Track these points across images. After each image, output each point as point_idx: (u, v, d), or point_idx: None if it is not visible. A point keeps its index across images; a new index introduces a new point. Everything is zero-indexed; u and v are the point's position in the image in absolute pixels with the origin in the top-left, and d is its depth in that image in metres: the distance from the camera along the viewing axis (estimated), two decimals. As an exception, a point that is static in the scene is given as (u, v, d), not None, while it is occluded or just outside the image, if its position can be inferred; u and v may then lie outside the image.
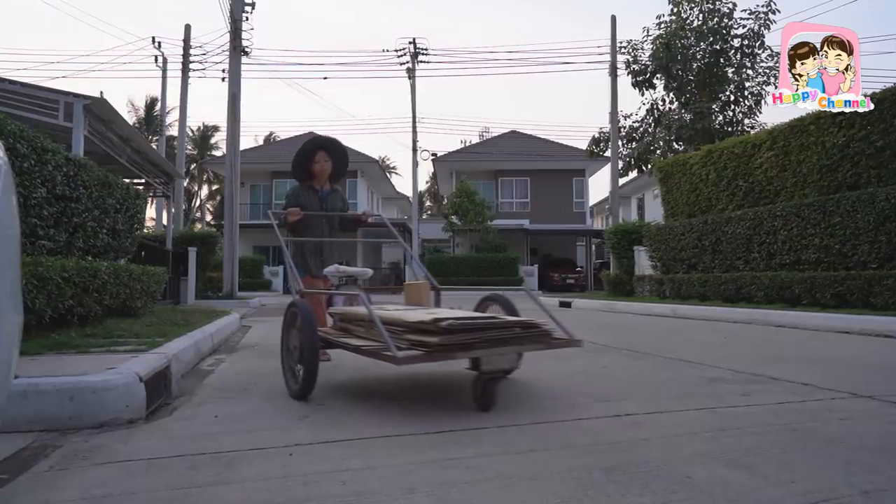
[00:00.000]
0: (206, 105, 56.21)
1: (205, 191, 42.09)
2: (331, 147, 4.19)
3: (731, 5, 15.93)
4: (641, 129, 17.70)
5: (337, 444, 1.90)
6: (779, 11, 15.61)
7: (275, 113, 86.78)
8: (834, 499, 1.39)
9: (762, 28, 15.73)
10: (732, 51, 15.96)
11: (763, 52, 15.92)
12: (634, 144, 17.77)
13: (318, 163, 4.11)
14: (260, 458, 1.78)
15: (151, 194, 12.84)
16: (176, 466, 1.70)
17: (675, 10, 16.31)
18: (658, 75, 16.56)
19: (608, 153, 19.51)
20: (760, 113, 16.18)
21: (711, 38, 15.77)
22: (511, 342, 2.26)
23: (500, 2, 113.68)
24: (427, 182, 49.70)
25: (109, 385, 2.20)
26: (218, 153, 35.45)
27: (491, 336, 2.21)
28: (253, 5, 15.42)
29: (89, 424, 2.13)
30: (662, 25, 16.48)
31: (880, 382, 2.92)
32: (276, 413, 2.39)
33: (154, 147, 17.62)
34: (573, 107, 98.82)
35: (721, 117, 16.06)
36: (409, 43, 24.79)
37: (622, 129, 18.33)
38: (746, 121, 16.02)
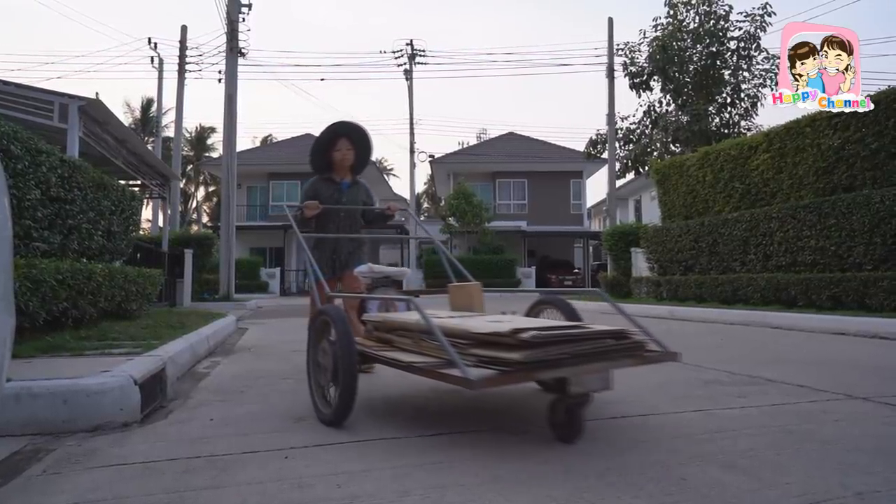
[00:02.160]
0: (202, 106, 56.22)
1: (201, 192, 42.06)
2: (355, 135, 3.73)
3: (727, 8, 16.00)
4: (638, 130, 17.74)
5: (332, 447, 1.90)
6: (775, 14, 15.68)
7: (272, 114, 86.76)
8: (828, 500, 1.39)
9: (758, 30, 15.79)
10: (729, 53, 16.02)
11: (759, 54, 15.98)
12: (631, 146, 17.81)
13: (340, 151, 3.68)
14: (255, 461, 1.77)
15: (147, 196, 12.82)
16: (171, 470, 1.69)
17: (672, 12, 16.36)
18: (655, 77, 16.60)
19: (605, 155, 19.56)
20: (757, 115, 16.24)
21: (708, 41, 15.83)
22: (603, 357, 1.86)
23: (499, 4, 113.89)
24: (425, 184, 49.74)
25: (104, 388, 2.19)
26: (214, 154, 35.41)
27: (581, 350, 1.81)
28: (249, 6, 15.42)
29: (83, 428, 2.12)
30: (659, 28, 16.53)
31: (875, 384, 2.93)
32: (272, 416, 2.38)
33: (150, 148, 17.58)
34: (571, 109, 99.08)
35: (718, 119, 16.11)
36: (407, 44, 24.86)
37: (619, 131, 18.37)
38: (743, 123, 16.08)
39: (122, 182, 8.55)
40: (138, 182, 11.61)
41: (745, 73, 16.10)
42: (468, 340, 1.94)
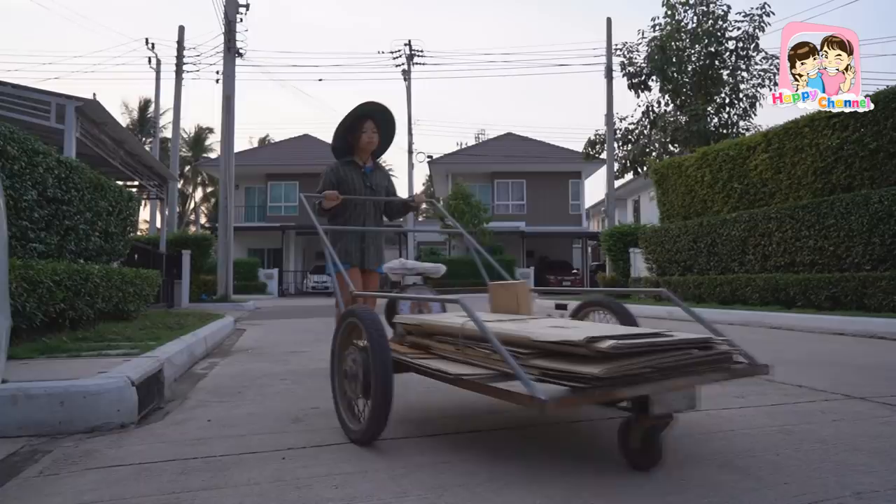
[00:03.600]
0: (200, 107, 56.19)
1: (199, 193, 41.98)
2: (381, 116, 3.47)
3: (725, 8, 16.02)
4: (637, 131, 17.76)
5: (330, 448, 1.89)
6: (773, 14, 15.70)
7: (269, 114, 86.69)
8: (827, 500, 1.39)
9: (756, 30, 15.81)
10: (727, 53, 16.04)
11: (757, 54, 16.01)
12: (630, 146, 17.83)
13: (367, 133, 3.42)
14: (253, 462, 1.77)
15: (145, 197, 12.79)
16: (167, 471, 1.69)
17: (670, 12, 16.37)
18: (653, 77, 16.61)
19: (604, 155, 19.57)
20: (755, 115, 16.27)
21: (706, 41, 15.84)
22: (689, 371, 1.59)
23: (497, 5, 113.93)
24: (423, 184, 49.71)
25: (101, 389, 2.19)
26: (212, 155, 35.37)
27: (665, 362, 1.54)
28: (247, 7, 15.42)
29: (80, 429, 2.11)
30: (657, 28, 16.55)
31: (873, 384, 2.93)
32: (270, 417, 2.37)
33: (148, 149, 17.55)
34: (569, 109, 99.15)
35: (716, 119, 16.12)
36: (405, 45, 24.84)
37: (618, 132, 18.39)
38: (741, 123, 16.09)
39: (120, 183, 8.52)
40: (136, 183, 11.59)
41: (744, 74, 16.13)
42: (528, 349, 1.66)
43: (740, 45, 15.97)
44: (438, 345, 2.09)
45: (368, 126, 3.42)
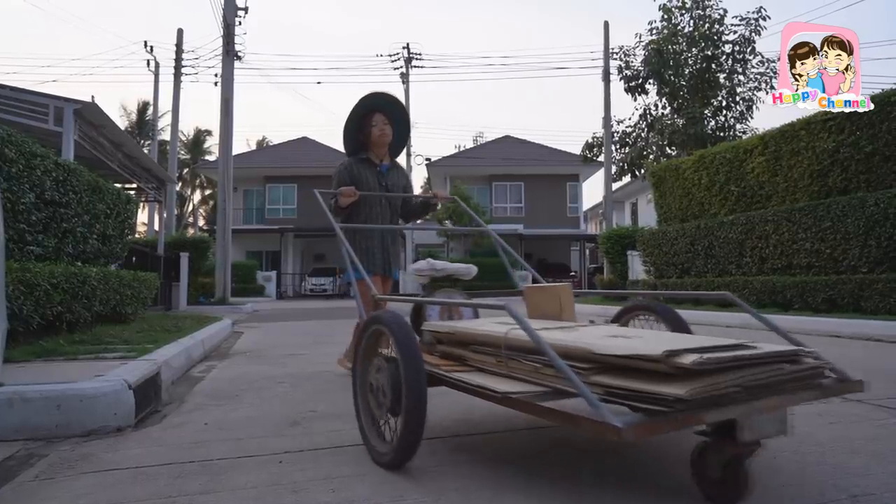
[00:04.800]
0: (198, 109, 56.17)
1: (197, 195, 41.94)
2: (391, 109, 3.22)
3: (721, 11, 16.07)
4: (634, 134, 17.78)
5: (327, 451, 1.89)
6: (769, 18, 15.75)
7: (267, 117, 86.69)
8: (823, 503, 1.39)
9: (753, 34, 15.86)
10: (724, 56, 16.08)
11: (754, 57, 16.05)
12: (628, 149, 17.85)
13: (377, 126, 3.15)
14: (250, 465, 1.77)
15: (143, 199, 12.79)
16: (164, 475, 1.68)
17: (667, 16, 16.42)
18: (650, 81, 16.65)
19: (602, 158, 19.60)
20: (752, 118, 16.30)
21: (703, 44, 15.89)
22: (779, 389, 1.37)
23: (495, 8, 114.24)
24: (421, 187, 49.68)
25: (97, 392, 2.18)
26: (211, 157, 35.34)
27: (753, 380, 1.33)
28: (246, 10, 15.43)
29: (77, 433, 2.11)
30: (654, 31, 16.59)
31: (871, 386, 2.93)
32: (267, 420, 2.37)
33: (146, 152, 17.54)
34: (567, 112, 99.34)
35: (713, 122, 16.15)
36: (403, 48, 24.87)
37: (615, 134, 18.41)
38: (738, 126, 16.13)
39: (118, 185, 8.51)
40: (134, 185, 11.59)
41: (741, 77, 16.16)
42: (587, 363, 1.44)
43: (737, 48, 16.02)
44: (475, 355, 1.85)
45: (378, 119, 3.16)
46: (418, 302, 2.52)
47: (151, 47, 20.79)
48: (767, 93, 15.96)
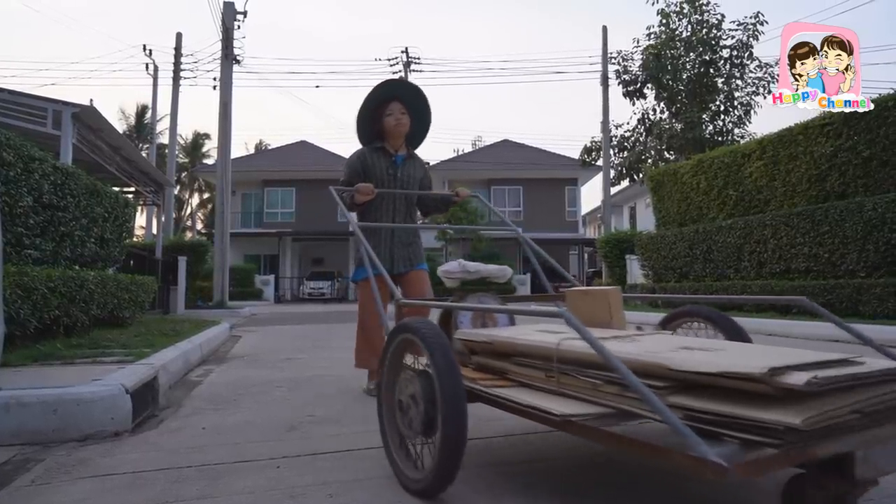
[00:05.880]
0: (197, 112, 56.20)
1: (195, 199, 41.92)
2: (409, 97, 3.02)
3: (719, 17, 16.14)
4: (633, 138, 17.84)
5: (325, 456, 1.88)
6: (767, 23, 15.84)
7: (266, 120, 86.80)
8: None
9: (750, 39, 15.94)
10: (722, 61, 16.15)
11: (752, 62, 16.12)
12: (626, 153, 17.90)
13: (393, 115, 2.95)
14: (247, 470, 1.76)
15: (141, 203, 12.77)
16: (161, 480, 1.68)
17: (665, 21, 16.50)
18: (649, 85, 16.72)
19: (600, 162, 19.63)
20: (750, 123, 16.37)
21: (701, 49, 15.95)
22: None
23: (495, 12, 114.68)
24: (419, 190, 49.73)
25: (94, 397, 2.17)
26: (209, 161, 35.34)
27: (872, 403, 1.12)
28: (245, 14, 15.46)
29: (74, 437, 2.10)
30: (652, 36, 16.67)
31: None
32: (265, 424, 2.36)
33: (144, 155, 17.54)
34: (566, 116, 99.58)
35: (711, 127, 16.21)
36: (402, 52, 24.91)
37: (614, 139, 18.47)
38: (736, 130, 16.19)
39: (116, 189, 8.50)
40: (132, 189, 11.57)
41: (738, 82, 16.23)
42: (662, 381, 1.23)
43: (734, 53, 16.09)
44: (518, 369, 1.64)
45: (395, 107, 2.96)
46: (450, 307, 2.18)
47: (150, 51, 20.81)
48: (765, 97, 16.04)
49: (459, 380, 1.41)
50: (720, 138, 15.82)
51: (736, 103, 16.18)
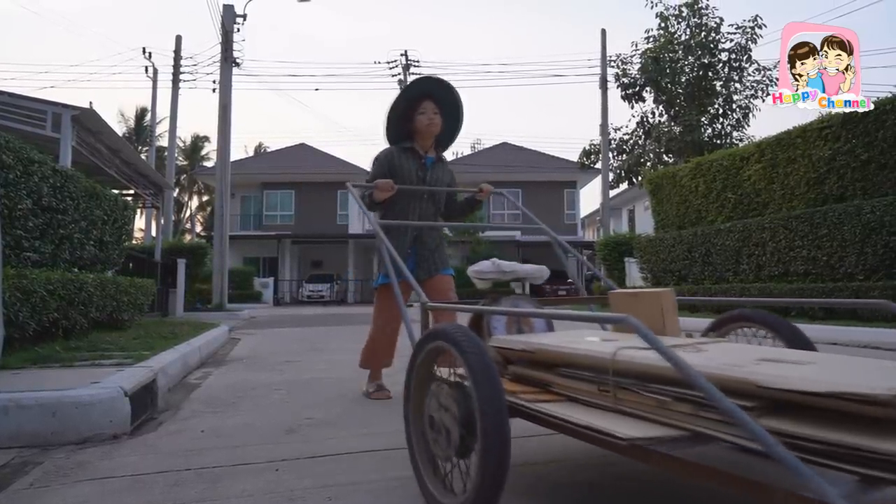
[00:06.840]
0: (196, 115, 56.22)
1: (195, 201, 41.92)
2: (443, 96, 2.87)
3: (717, 20, 16.20)
4: (632, 141, 17.89)
5: (324, 459, 1.88)
6: (765, 26, 15.90)
7: (265, 123, 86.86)
8: (822, 512, 1.38)
9: (749, 42, 16.00)
10: (720, 64, 16.20)
11: (750, 65, 16.18)
12: (625, 157, 17.95)
13: (425, 114, 2.83)
14: (246, 473, 1.76)
15: (140, 205, 12.76)
16: (160, 483, 1.68)
17: (664, 24, 16.55)
18: (647, 88, 16.77)
19: (599, 165, 19.67)
20: (748, 126, 16.44)
21: (699, 52, 16.01)
22: None
23: (494, 15, 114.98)
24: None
25: (93, 400, 2.17)
26: (208, 164, 35.35)
27: None
28: (244, 17, 15.49)
29: (72, 440, 2.10)
30: (651, 40, 16.72)
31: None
32: (264, 427, 2.36)
33: (144, 158, 17.55)
34: (565, 119, 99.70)
35: (710, 130, 16.26)
36: (401, 55, 24.95)
37: (613, 142, 18.50)
38: (735, 133, 16.25)
39: (115, 191, 8.51)
40: (131, 191, 11.57)
41: (737, 85, 16.29)
42: (751, 401, 1.06)
43: (733, 56, 16.15)
44: (565, 381, 1.45)
45: (427, 106, 2.84)
46: (482, 311, 1.95)
47: (150, 53, 20.81)
48: (764, 100, 16.09)
49: (502, 395, 1.25)
50: (719, 141, 15.86)
51: (734, 106, 16.24)
